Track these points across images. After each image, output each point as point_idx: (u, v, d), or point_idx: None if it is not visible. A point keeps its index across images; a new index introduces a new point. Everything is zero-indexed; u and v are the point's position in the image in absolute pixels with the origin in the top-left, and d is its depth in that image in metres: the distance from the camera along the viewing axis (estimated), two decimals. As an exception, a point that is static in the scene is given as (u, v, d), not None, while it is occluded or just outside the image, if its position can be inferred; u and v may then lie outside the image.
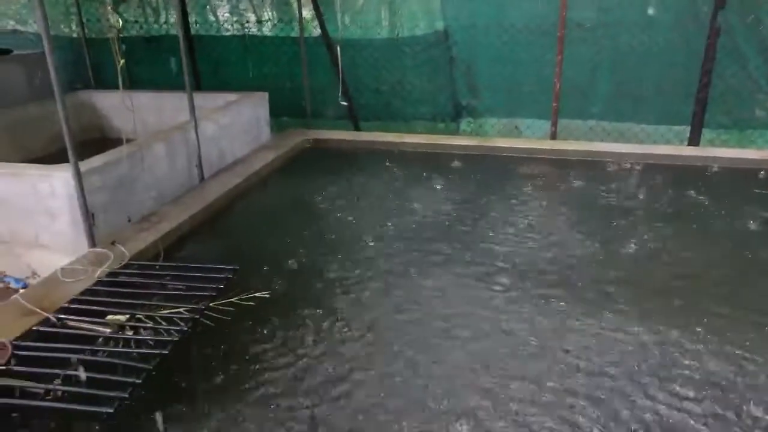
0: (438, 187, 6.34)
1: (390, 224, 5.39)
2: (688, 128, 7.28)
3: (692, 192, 6.03)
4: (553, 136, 7.65)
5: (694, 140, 7.27)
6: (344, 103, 8.16)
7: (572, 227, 5.25)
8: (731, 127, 7.28)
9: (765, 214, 5.43)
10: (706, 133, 7.28)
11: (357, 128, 8.53)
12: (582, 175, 6.60)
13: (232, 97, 7.44)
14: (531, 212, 5.59)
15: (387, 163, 7.16)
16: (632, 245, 4.87)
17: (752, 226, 5.20)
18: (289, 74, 8.56)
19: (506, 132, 7.99)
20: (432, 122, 8.31)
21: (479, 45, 7.76)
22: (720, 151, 7.05)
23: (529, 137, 7.84)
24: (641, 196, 5.97)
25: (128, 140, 5.20)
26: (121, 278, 4.17)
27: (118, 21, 8.39)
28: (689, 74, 7.11)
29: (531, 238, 5.02)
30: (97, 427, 2.96)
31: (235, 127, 6.99)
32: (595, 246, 4.88)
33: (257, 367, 3.43)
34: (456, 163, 7.11)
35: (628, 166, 6.85)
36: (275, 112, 8.18)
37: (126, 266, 4.34)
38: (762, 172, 6.46)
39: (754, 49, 6.92)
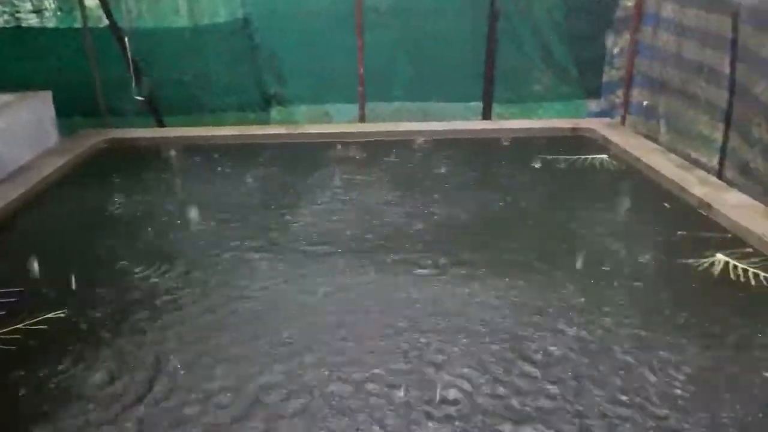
0: (250, 179, 6.21)
1: (201, 224, 5.18)
2: (481, 104, 7.97)
3: (487, 159, 6.66)
4: (362, 119, 7.89)
5: (486, 115, 7.97)
6: (140, 98, 7.62)
7: (380, 200, 5.51)
8: (516, 101, 8.10)
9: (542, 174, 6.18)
10: (496, 108, 8.03)
11: (161, 124, 8.02)
12: (391, 153, 6.91)
13: (7, 98, 6.58)
14: (346, 190, 5.76)
15: (196, 159, 6.85)
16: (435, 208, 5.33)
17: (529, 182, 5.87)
18: (76, 69, 7.75)
19: (316, 118, 8.05)
20: (241, 113, 8.09)
21: (281, 32, 7.69)
22: (508, 123, 7.83)
23: (339, 122, 7.99)
24: (443, 167, 6.45)
25: None
26: None
27: None
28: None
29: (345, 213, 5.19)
30: None
31: (12, 132, 6.20)
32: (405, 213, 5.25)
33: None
34: (269, 153, 7.03)
35: (425, 141, 7.32)
36: (64, 111, 7.38)
37: None
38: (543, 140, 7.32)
39: (528, 30, 7.73)
